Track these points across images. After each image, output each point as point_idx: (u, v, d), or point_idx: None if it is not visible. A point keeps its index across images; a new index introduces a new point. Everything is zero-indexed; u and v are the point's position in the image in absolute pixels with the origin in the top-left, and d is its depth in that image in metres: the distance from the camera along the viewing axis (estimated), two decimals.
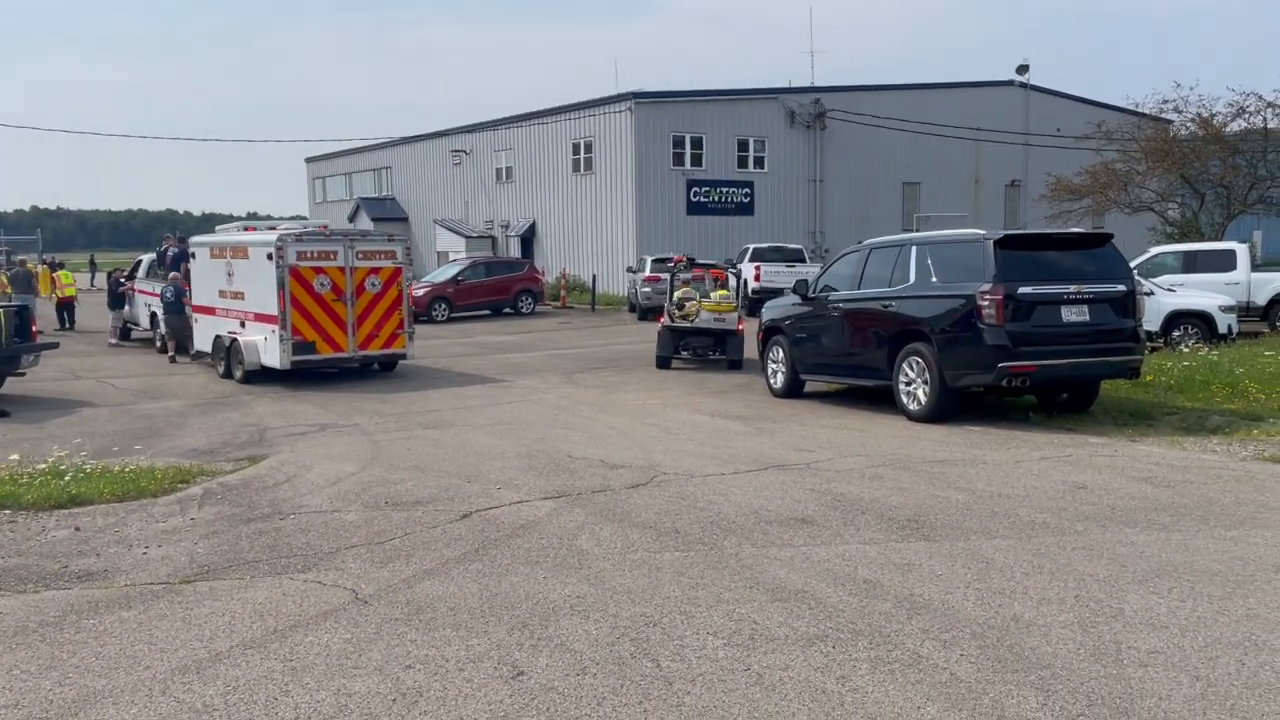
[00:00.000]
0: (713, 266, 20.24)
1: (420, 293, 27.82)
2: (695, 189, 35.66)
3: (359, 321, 16.05)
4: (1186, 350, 15.39)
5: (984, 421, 11.19)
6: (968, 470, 8.69)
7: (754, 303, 28.39)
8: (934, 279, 11.50)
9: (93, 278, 51.37)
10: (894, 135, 37.70)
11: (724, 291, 18.30)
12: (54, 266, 31.03)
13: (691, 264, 19.52)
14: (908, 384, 11.55)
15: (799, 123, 37.21)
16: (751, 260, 29.35)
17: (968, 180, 40.80)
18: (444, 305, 28.94)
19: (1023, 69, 42.16)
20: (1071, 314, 10.91)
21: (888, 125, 37.32)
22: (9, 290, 24.42)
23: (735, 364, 17.13)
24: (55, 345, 16.32)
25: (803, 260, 29.51)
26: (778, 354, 13.92)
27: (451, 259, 36.01)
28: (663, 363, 17.36)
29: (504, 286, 30.70)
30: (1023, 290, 10.71)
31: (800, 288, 13.68)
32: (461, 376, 16.57)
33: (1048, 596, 5.43)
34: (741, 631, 4.97)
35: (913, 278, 11.77)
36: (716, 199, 36.10)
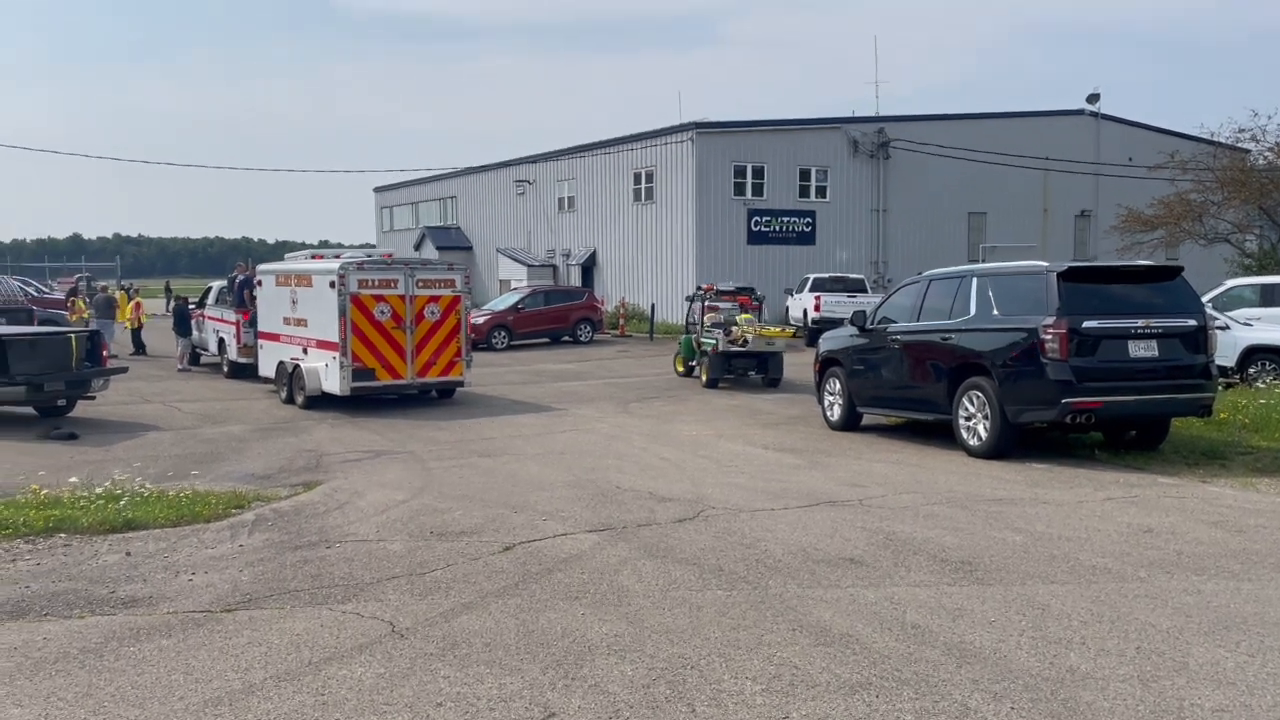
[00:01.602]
0: (740, 293, 21.34)
1: (480, 320, 28.09)
2: (756, 218, 35.54)
3: (418, 349, 16.22)
4: (1263, 387, 14.78)
5: (1047, 459, 10.84)
6: (1027, 510, 8.40)
7: (813, 333, 28.15)
8: (995, 311, 11.23)
9: (168, 304, 52.88)
10: (960, 165, 37.19)
11: (747, 315, 19.89)
12: (132, 293, 31.99)
13: (719, 293, 21.25)
14: (968, 419, 11.26)
15: (862, 152, 36.93)
16: (811, 290, 29.13)
17: (1036, 210, 40.05)
18: (503, 333, 29.17)
19: (1093, 98, 41.40)
20: (1139, 349, 10.55)
21: (953, 155, 36.83)
22: (87, 315, 25.26)
23: (774, 382, 18.96)
24: (124, 370, 16.76)
25: (864, 290, 29.17)
26: (834, 386, 13.71)
27: (513, 287, 36.34)
28: (712, 383, 18.90)
29: (563, 315, 30.86)
30: (1088, 324, 10.40)
31: (858, 319, 13.46)
32: (517, 404, 16.62)
33: (1107, 647, 5.18)
34: (782, 677, 4.81)
35: (973, 310, 11.52)
36: (778, 228, 35.93)
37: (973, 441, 11.19)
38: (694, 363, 20.51)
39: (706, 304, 20.80)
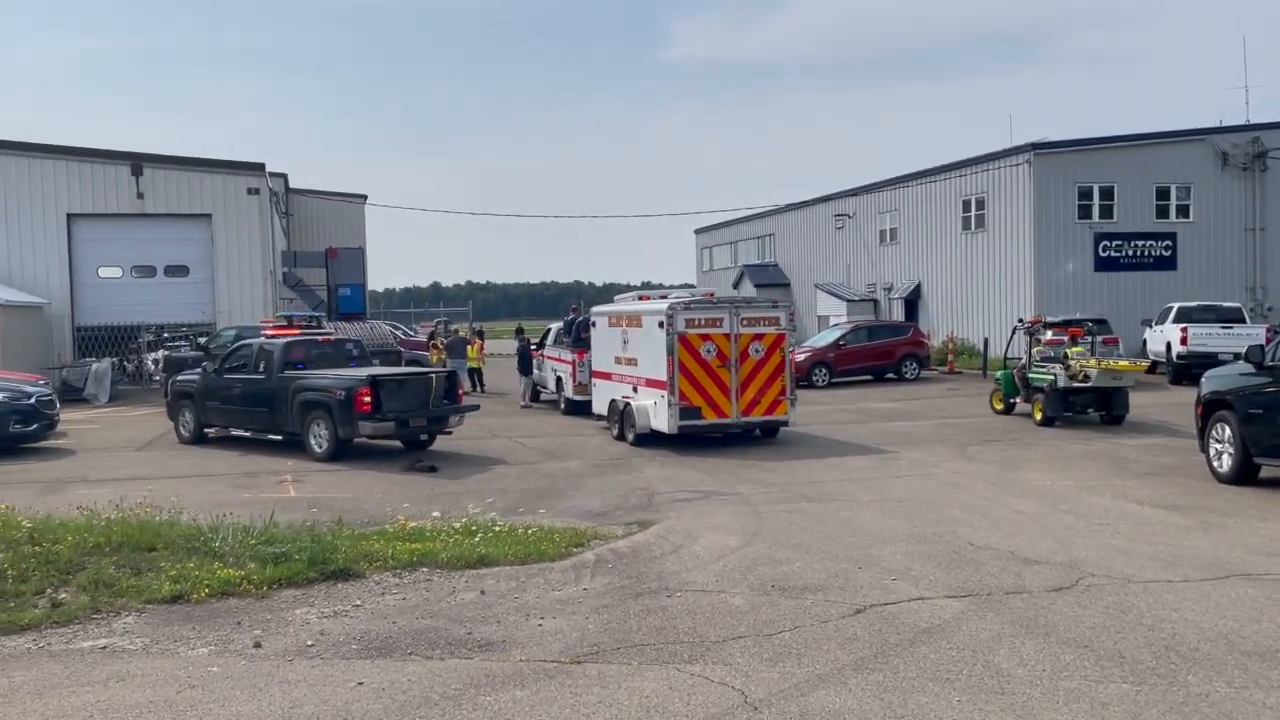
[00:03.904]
0: (1070, 325, 19.66)
1: (801, 357, 27.57)
2: (1104, 243, 32.38)
3: (742, 388, 16.02)
4: None
5: None
6: None
7: (1178, 368, 24.97)
8: None
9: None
10: None
11: (1079, 348, 18.34)
12: (480, 334, 34.72)
13: (1047, 325, 19.76)
14: None
15: (1233, 164, 32.62)
16: (1176, 321, 25.88)
17: None
18: (824, 370, 28.48)
19: None
20: None
21: None
22: (444, 356, 27.61)
23: (1118, 419, 17.74)
24: (476, 407, 17.94)
25: (1241, 320, 25.50)
26: (1223, 432, 11.82)
27: (832, 323, 35.56)
28: (1048, 422, 17.79)
29: (886, 351, 29.64)
30: None
31: (1254, 354, 11.56)
32: (843, 445, 15.93)
33: None
34: None
35: None
36: (1130, 253, 32.51)
37: None
38: (1014, 399, 19.34)
39: (1034, 337, 19.41)
